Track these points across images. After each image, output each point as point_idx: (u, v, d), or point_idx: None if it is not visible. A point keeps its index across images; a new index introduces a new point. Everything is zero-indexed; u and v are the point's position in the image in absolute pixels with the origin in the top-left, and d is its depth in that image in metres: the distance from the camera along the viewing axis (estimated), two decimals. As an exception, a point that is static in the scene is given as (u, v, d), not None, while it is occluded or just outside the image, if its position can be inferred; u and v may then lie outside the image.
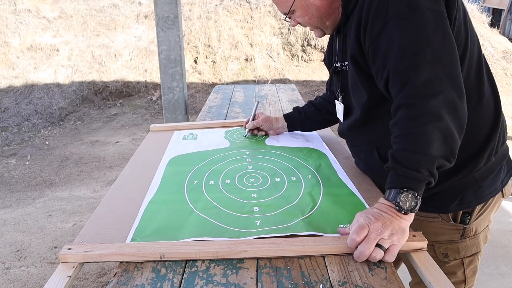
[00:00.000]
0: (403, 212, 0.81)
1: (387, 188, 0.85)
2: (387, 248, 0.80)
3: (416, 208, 0.82)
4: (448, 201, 1.04)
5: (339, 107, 1.20)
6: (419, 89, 0.82)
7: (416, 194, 0.81)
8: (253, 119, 1.54)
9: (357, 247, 0.80)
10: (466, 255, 1.10)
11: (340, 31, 1.08)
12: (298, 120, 1.50)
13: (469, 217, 1.05)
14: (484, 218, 1.09)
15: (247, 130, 1.54)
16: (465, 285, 1.14)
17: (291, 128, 1.53)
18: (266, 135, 1.56)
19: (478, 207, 1.06)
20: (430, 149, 0.80)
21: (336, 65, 1.15)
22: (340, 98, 1.17)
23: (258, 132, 1.54)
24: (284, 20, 1.11)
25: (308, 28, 1.11)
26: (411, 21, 0.84)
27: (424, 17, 0.84)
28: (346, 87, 1.12)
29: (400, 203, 0.81)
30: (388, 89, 0.90)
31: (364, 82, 0.99)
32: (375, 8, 0.88)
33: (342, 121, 1.20)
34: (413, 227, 1.05)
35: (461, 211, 1.06)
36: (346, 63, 1.09)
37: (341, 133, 1.24)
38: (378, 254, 0.79)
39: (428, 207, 1.06)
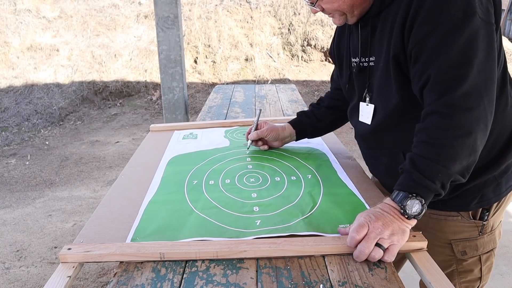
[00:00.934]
0: (406, 217, 0.81)
1: (396, 189, 0.84)
2: (387, 248, 0.80)
3: (419, 216, 0.82)
4: (469, 199, 1.04)
5: (366, 109, 1.08)
6: (457, 100, 0.80)
7: (423, 202, 0.81)
8: (256, 129, 1.37)
9: (356, 246, 0.80)
10: (484, 252, 1.10)
11: (366, 24, 1.01)
12: (308, 124, 1.35)
13: (487, 213, 1.06)
14: (500, 213, 1.09)
15: (249, 141, 1.35)
16: (480, 282, 1.14)
17: (300, 135, 1.37)
18: (270, 148, 1.38)
19: (495, 203, 1.06)
20: (451, 164, 0.80)
21: (355, 60, 1.07)
22: (368, 99, 1.07)
23: (261, 146, 1.37)
24: (309, 5, 1.01)
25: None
26: (464, 29, 0.80)
27: (476, 26, 0.80)
28: (373, 87, 1.04)
29: (406, 208, 0.81)
30: (422, 93, 0.87)
31: (400, 83, 0.94)
32: (428, 7, 0.83)
33: (369, 123, 1.10)
34: (432, 226, 1.06)
35: (481, 208, 1.06)
36: (372, 58, 1.02)
37: (361, 136, 1.15)
38: (378, 254, 0.79)
39: (448, 208, 1.06)
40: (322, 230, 0.89)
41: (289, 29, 7.13)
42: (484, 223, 1.06)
